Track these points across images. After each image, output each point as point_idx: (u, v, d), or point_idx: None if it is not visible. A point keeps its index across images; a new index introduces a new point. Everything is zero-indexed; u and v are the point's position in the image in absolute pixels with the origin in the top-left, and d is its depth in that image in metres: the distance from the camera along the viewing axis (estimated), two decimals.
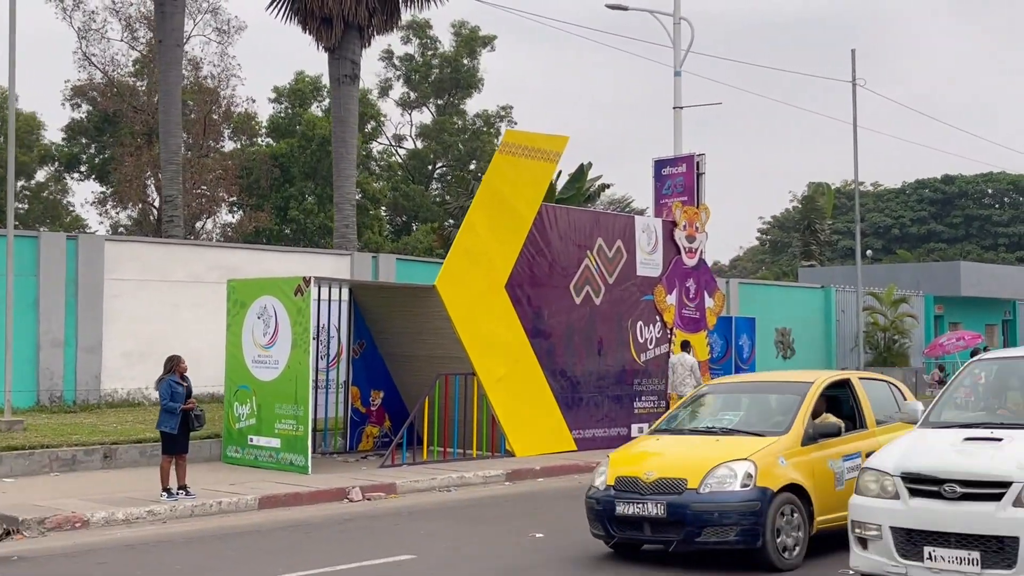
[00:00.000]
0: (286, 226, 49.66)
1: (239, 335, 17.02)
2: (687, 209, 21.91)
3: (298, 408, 15.98)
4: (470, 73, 56.00)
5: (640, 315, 20.87)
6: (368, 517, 12.89)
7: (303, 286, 16.07)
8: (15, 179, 21.08)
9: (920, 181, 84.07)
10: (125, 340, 19.95)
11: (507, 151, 18.81)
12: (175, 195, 28.17)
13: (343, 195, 31.38)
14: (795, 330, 34.87)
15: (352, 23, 30.70)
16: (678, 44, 24.45)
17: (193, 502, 13.15)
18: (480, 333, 18.08)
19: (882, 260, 68.02)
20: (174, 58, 28.64)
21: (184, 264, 20.97)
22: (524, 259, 18.86)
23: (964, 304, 42.02)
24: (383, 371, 19.27)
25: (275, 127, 51.60)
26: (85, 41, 47.18)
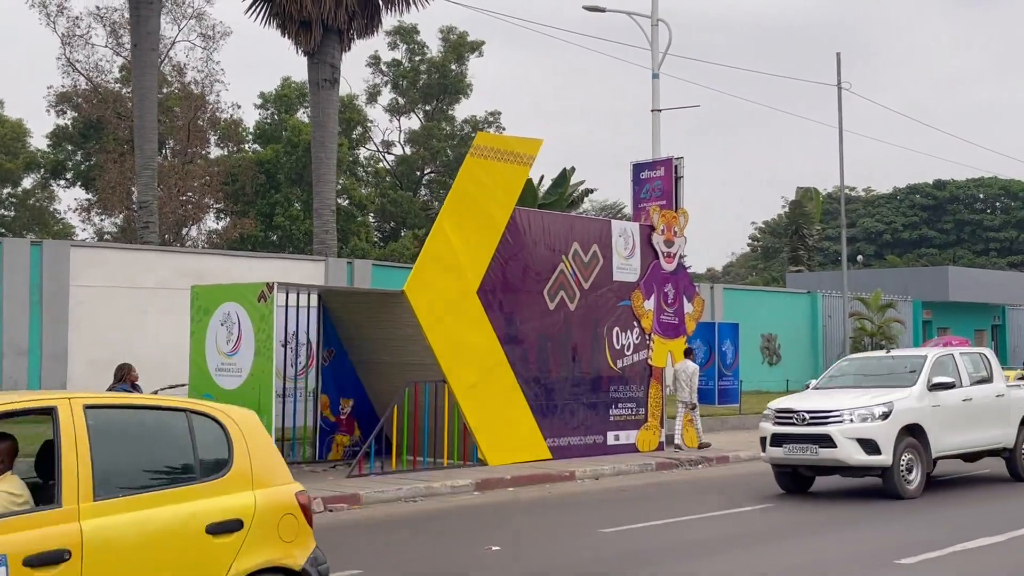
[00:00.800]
0: (272, 233, 49.34)
1: (202, 342, 16.64)
2: (665, 213, 21.57)
3: (262, 417, 15.52)
4: (458, 79, 55.75)
5: (617, 321, 20.51)
6: (326, 529, 12.45)
7: (266, 292, 15.70)
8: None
9: (912, 186, 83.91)
10: (91, 348, 19.58)
11: (478, 154, 18.46)
12: (150, 201, 27.84)
13: (323, 200, 31.06)
14: (781, 336, 34.56)
15: (331, 27, 30.43)
16: (656, 46, 24.12)
17: None
18: (451, 340, 17.72)
19: (872, 265, 67.77)
20: (149, 62, 28.35)
21: (152, 270, 20.61)
22: (497, 264, 18.50)
23: (953, 309, 41.73)
24: (353, 379, 18.90)
25: (261, 133, 51.28)
26: (69, 47, 46.92)
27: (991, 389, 16.08)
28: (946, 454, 15.34)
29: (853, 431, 14.24)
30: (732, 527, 12.49)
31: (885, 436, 14.16)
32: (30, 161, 50.80)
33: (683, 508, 13.95)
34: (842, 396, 14.98)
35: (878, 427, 14.21)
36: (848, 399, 14.74)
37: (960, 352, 16.25)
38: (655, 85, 24.19)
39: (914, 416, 14.62)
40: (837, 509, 14.02)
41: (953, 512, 13.51)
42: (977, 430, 15.66)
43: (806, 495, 15.34)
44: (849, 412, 14.38)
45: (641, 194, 22.54)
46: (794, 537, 11.75)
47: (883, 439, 14.14)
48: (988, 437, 15.91)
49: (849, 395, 14.98)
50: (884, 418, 14.28)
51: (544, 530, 12.37)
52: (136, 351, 20.14)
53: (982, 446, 15.92)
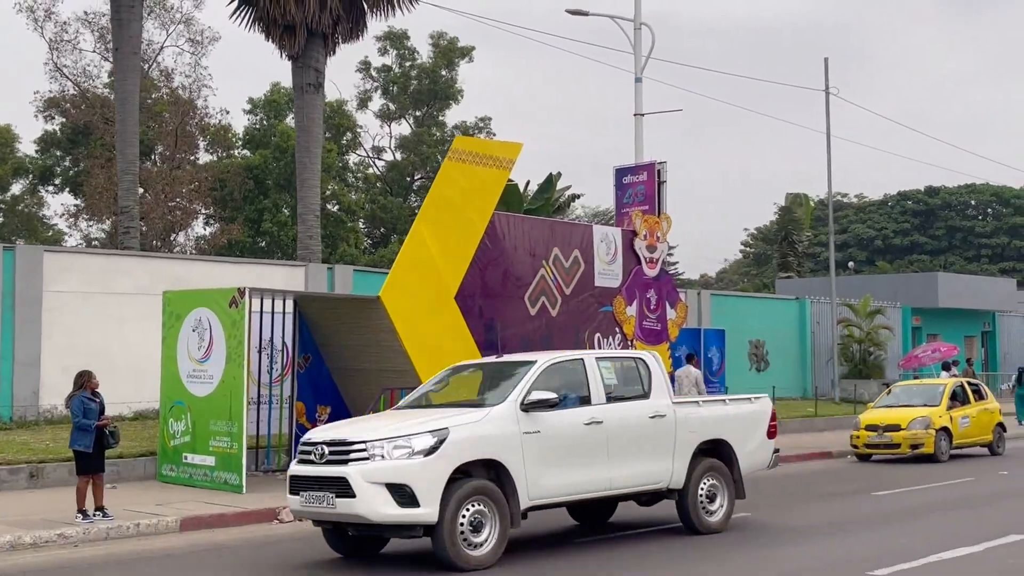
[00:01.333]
0: (260, 239, 49.06)
1: (174, 348, 16.41)
2: (648, 218, 21.34)
3: (232, 425, 15.35)
4: (448, 84, 55.54)
5: (599, 327, 20.26)
6: (291, 540, 12.27)
7: (237, 297, 15.47)
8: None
9: (903, 193, 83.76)
10: (65, 354, 19.27)
11: (456, 158, 18.22)
12: (131, 206, 27.55)
13: (307, 205, 30.76)
14: (769, 342, 34.33)
15: (316, 31, 30.15)
16: (638, 50, 23.90)
17: (109, 524, 12.50)
18: (428, 346, 17.45)
19: (863, 272, 67.61)
20: (131, 66, 28.07)
21: (129, 275, 20.32)
22: (475, 269, 18.26)
23: (942, 315, 41.54)
24: (330, 386, 18.63)
25: (251, 138, 51.04)
26: (56, 52, 46.65)
27: (644, 408, 11.89)
28: (552, 501, 11.07)
29: (379, 472, 9.94)
30: (697, 540, 12.22)
31: (428, 479, 9.94)
32: (18, 167, 50.47)
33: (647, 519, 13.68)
34: (386, 421, 10.90)
35: (416, 466, 9.94)
36: (389, 424, 10.54)
37: (598, 357, 12.16)
38: (638, 89, 23.98)
39: (489, 448, 10.42)
40: (810, 517, 13.76)
41: (929, 521, 13.27)
42: (615, 465, 11.39)
43: (780, 505, 15.09)
44: (381, 444, 10.06)
45: (624, 199, 22.33)
46: (763, 548, 11.49)
47: (424, 484, 9.91)
48: (635, 474, 11.62)
49: (396, 419, 10.86)
50: (429, 453, 10.00)
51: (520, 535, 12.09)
52: (112, 357, 19.90)
53: (626, 487, 11.69)
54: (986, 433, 22.81)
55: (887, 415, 21.76)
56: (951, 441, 21.53)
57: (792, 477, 18.52)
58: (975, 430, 22.41)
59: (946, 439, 21.41)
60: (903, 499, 15.60)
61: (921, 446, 21.04)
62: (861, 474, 19.59)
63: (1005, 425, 23.55)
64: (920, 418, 21.30)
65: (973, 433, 22.37)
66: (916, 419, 21.29)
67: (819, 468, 20.85)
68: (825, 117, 34.01)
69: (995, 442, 22.96)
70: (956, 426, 21.74)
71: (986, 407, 23.04)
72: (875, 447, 21.51)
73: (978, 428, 22.53)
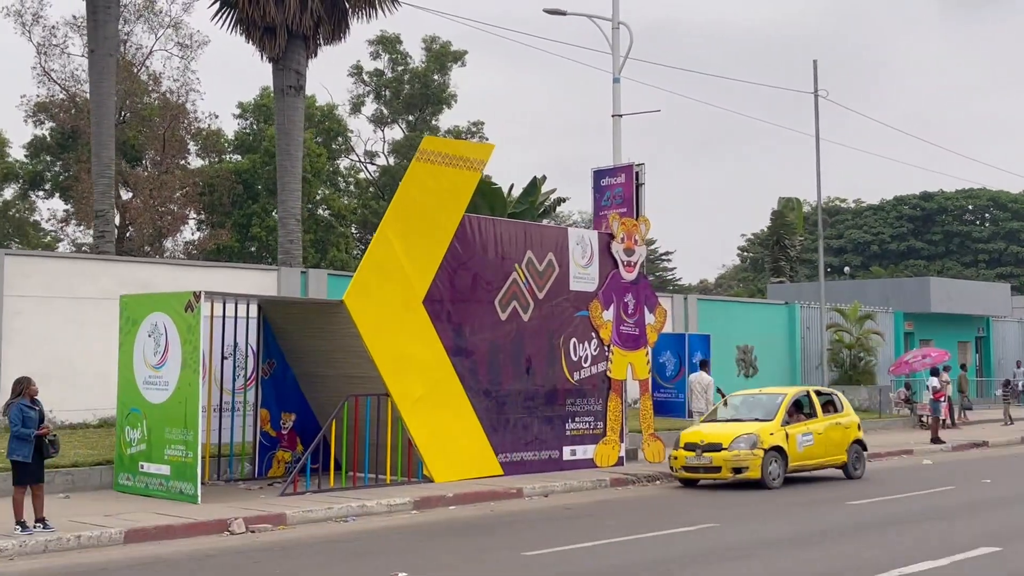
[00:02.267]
0: (250, 244, 48.66)
1: (130, 354, 15.94)
2: (625, 221, 20.89)
3: (188, 433, 14.89)
4: (440, 88, 55.15)
5: (574, 332, 19.81)
6: (235, 553, 11.81)
7: (193, 301, 15.00)
8: None
9: (899, 198, 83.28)
10: (27, 360, 18.80)
11: (425, 159, 17.76)
12: (106, 210, 27.18)
13: (287, 209, 30.37)
14: (758, 347, 33.86)
15: (296, 32, 29.77)
16: (616, 50, 23.41)
17: (48, 536, 12.04)
18: (394, 351, 17.02)
19: (857, 276, 67.12)
20: (107, 68, 27.69)
21: (93, 280, 19.88)
22: (444, 273, 17.82)
23: (935, 321, 41.05)
24: (296, 392, 18.19)
25: (241, 143, 50.66)
26: (44, 56, 46.27)
27: None
28: None
29: None
30: (665, 549, 11.79)
31: None
32: (8, 172, 50.08)
33: (622, 528, 13.24)
34: None
35: None
36: None
37: None
38: (616, 90, 23.49)
39: None
40: (780, 530, 13.32)
41: (896, 535, 12.79)
42: None
43: (748, 516, 14.63)
44: None
45: (602, 201, 21.90)
46: (729, 561, 11.04)
47: None
48: None
49: None
50: None
51: (464, 553, 11.67)
52: (75, 364, 19.50)
53: None
54: (837, 453, 19.21)
55: (709, 432, 18.26)
56: (786, 463, 18.02)
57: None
58: (821, 449, 18.83)
59: (778, 461, 17.86)
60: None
61: (745, 470, 17.51)
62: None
63: (865, 443, 20.02)
64: (745, 436, 17.71)
65: (818, 453, 18.80)
66: (740, 437, 17.69)
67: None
68: (814, 119, 33.58)
69: (850, 463, 19.34)
70: (793, 445, 18.19)
71: (838, 421, 19.40)
72: (693, 470, 18.00)
73: (826, 447, 18.94)
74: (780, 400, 18.86)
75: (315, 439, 16.38)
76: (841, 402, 20.05)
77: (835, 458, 19.22)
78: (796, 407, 19.03)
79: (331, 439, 16.56)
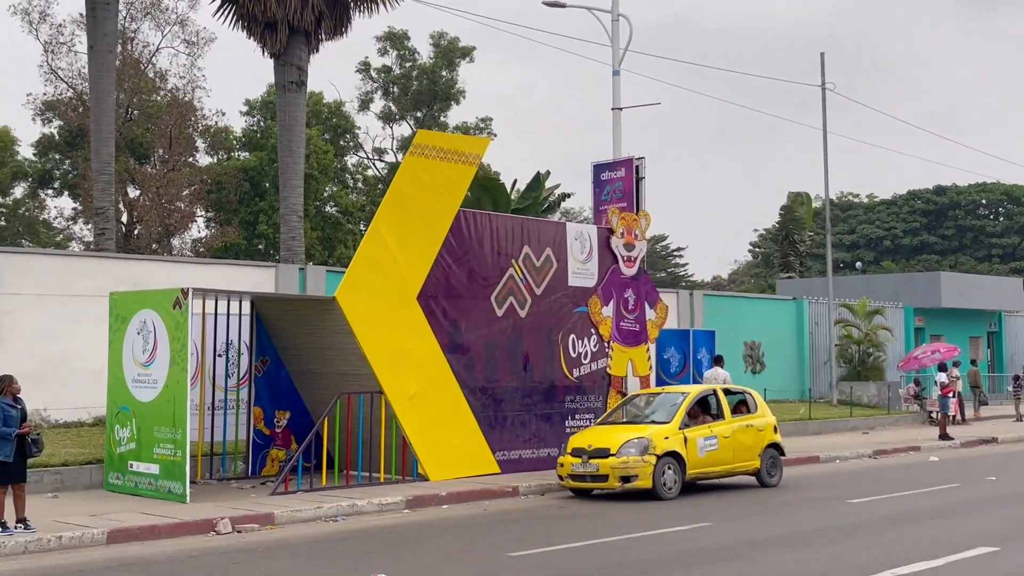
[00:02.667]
0: (258, 241, 48.55)
1: (119, 352, 15.77)
2: (625, 216, 20.62)
3: (176, 431, 14.70)
4: (448, 85, 54.93)
5: (572, 328, 19.57)
6: (218, 553, 11.60)
7: (181, 298, 14.81)
8: None
9: (912, 192, 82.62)
10: (21, 359, 18.60)
11: (419, 153, 17.54)
12: (106, 207, 26.98)
13: (289, 206, 30.20)
14: (765, 344, 33.51)
15: (298, 28, 29.56)
16: (616, 42, 23.10)
17: (29, 537, 11.86)
18: (388, 348, 16.80)
19: (869, 271, 66.63)
20: (106, 64, 27.50)
21: (88, 277, 19.68)
22: (439, 268, 17.59)
23: (946, 316, 40.61)
24: (290, 390, 17.98)
25: (249, 140, 50.55)
26: (51, 54, 46.24)
27: None
28: None
29: None
30: (656, 549, 11.53)
31: None
32: (17, 170, 50.09)
33: (617, 527, 12.99)
34: None
35: None
36: None
37: None
38: (616, 82, 23.18)
39: None
40: (770, 530, 13.05)
41: (891, 535, 12.50)
42: None
43: (737, 516, 14.36)
44: None
45: (602, 196, 21.63)
46: (720, 561, 10.78)
47: None
48: None
49: None
50: None
51: (449, 553, 11.43)
52: (71, 362, 19.30)
53: None
54: (749, 458, 17.31)
55: (598, 435, 16.48)
56: (683, 471, 16.13)
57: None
58: (728, 454, 16.97)
59: (674, 468, 15.98)
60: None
61: (634, 478, 15.66)
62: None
63: (782, 447, 18.07)
64: (635, 440, 15.85)
65: (725, 459, 16.93)
66: (629, 442, 15.84)
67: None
68: (822, 113, 33.22)
69: (764, 469, 17.44)
70: (693, 450, 16.35)
71: (750, 423, 17.49)
72: (580, 478, 16.07)
73: (734, 451, 17.06)
74: (680, 400, 16.98)
75: (307, 437, 16.18)
76: (755, 402, 18.13)
77: (745, 464, 17.30)
78: (702, 407, 17.24)
79: (324, 437, 16.35)
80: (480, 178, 33.72)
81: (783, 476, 17.88)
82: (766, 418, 17.95)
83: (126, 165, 43.38)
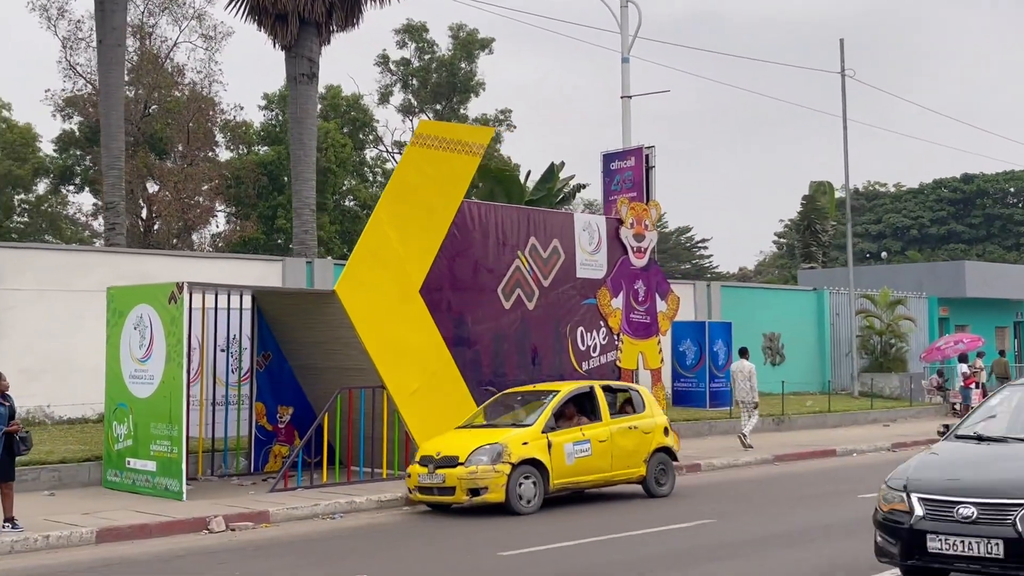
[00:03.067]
0: (277, 235, 48.45)
1: (117, 347, 15.57)
2: (635, 205, 20.23)
3: (172, 428, 14.47)
4: (468, 77, 54.62)
5: (581, 320, 19.22)
6: (206, 553, 11.35)
7: (176, 293, 14.57)
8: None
9: (938, 181, 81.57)
10: (23, 355, 18.51)
11: (421, 143, 17.23)
12: (117, 202, 26.85)
13: (302, 199, 30.00)
14: (785, 335, 33.00)
15: (308, 20, 29.34)
16: (625, 29, 22.67)
17: (15, 536, 11.65)
18: (390, 342, 16.50)
19: (894, 261, 65.81)
20: (115, 58, 27.36)
21: (91, 272, 19.49)
22: (443, 260, 17.27)
23: (971, 306, 39.90)
24: (293, 385, 17.73)
25: (268, 134, 50.48)
26: (69, 50, 46.30)
27: None
28: None
29: None
30: (655, 546, 11.18)
31: None
32: (39, 166, 50.22)
33: (615, 524, 12.65)
34: None
35: None
36: None
37: None
38: (625, 70, 22.76)
39: None
40: (779, 526, 12.67)
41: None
42: None
43: (740, 514, 13.98)
44: None
45: (612, 185, 21.26)
46: (717, 560, 10.43)
47: None
48: None
49: None
50: None
51: (441, 552, 11.14)
52: (73, 358, 19.12)
53: None
54: (632, 464, 15.11)
55: (451, 441, 14.41)
56: (547, 481, 14.00)
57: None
58: (604, 461, 14.79)
59: (535, 479, 13.84)
60: None
61: (484, 491, 13.54)
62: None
63: (674, 451, 15.95)
64: (487, 447, 13.76)
65: (600, 466, 14.76)
66: (480, 448, 13.74)
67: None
68: (841, 100, 32.68)
69: (651, 477, 15.29)
70: (559, 457, 14.19)
71: (634, 425, 15.38)
72: (427, 491, 13.93)
73: (612, 458, 14.90)
74: (549, 400, 14.82)
75: (306, 433, 15.94)
76: (643, 400, 16.03)
77: (628, 471, 15.09)
78: (578, 408, 15.14)
79: (325, 432, 16.09)
80: (494, 170, 33.42)
81: (675, 485, 15.72)
82: (655, 419, 15.85)
83: (145, 161, 43.38)
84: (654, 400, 16.62)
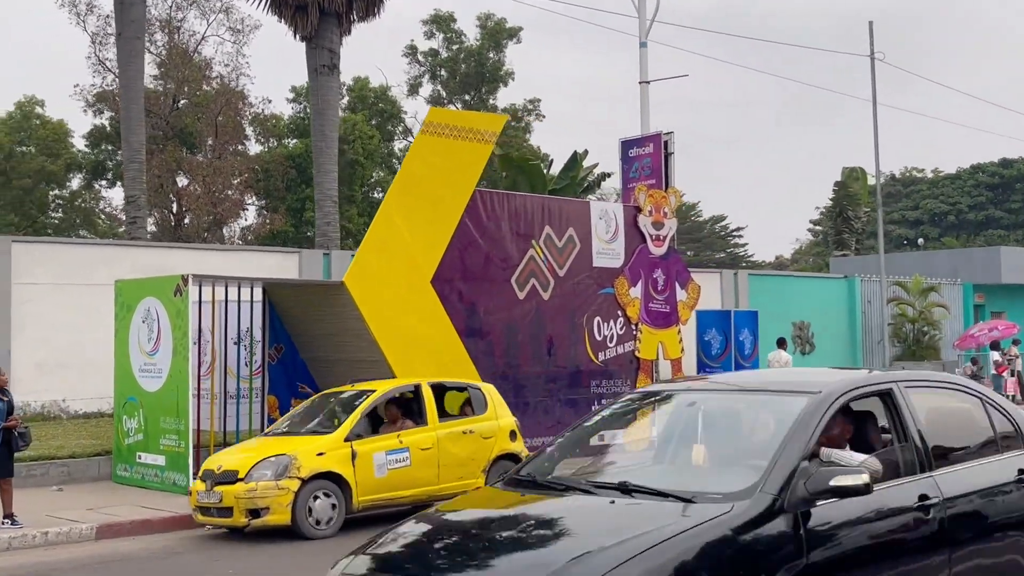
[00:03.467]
0: (305, 228, 48.46)
1: (126, 341, 15.47)
2: (653, 193, 19.90)
3: (179, 422, 14.36)
4: (496, 67, 54.35)
5: (598, 310, 18.93)
6: (205, 549, 11.20)
7: (181, 285, 14.45)
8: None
9: (976, 166, 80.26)
10: (38, 349, 18.53)
11: (431, 131, 16.98)
12: (137, 195, 26.90)
13: (323, 191, 29.99)
14: (816, 323, 32.50)
15: (328, 10, 29.22)
16: (643, 14, 22.34)
17: (13, 533, 11.56)
18: (400, 333, 16.28)
19: (931, 247, 64.86)
20: (135, 51, 27.39)
21: (107, 265, 19.44)
22: (454, 250, 17.03)
23: (1008, 292, 39.15)
24: (306, 378, 17.55)
25: (296, 127, 50.51)
26: (98, 45, 46.49)
27: None
28: None
29: None
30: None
31: None
32: (71, 162, 50.54)
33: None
34: None
35: None
36: None
37: None
38: (643, 54, 22.41)
39: None
40: None
41: None
42: None
43: None
44: None
45: (630, 172, 20.94)
46: None
47: None
48: None
49: None
50: None
51: None
52: (88, 352, 19.09)
53: None
54: (466, 475, 12.92)
55: (238, 453, 12.46)
56: (350, 498, 11.93)
57: None
58: (429, 472, 12.71)
59: (334, 496, 11.80)
60: None
61: (266, 512, 11.44)
62: None
63: (521, 458, 12.86)
64: (271, 459, 11.72)
65: (423, 478, 12.63)
66: (264, 461, 11.69)
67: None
68: (871, 83, 32.09)
69: None
70: (367, 469, 12.11)
71: (470, 429, 13.41)
72: (206, 511, 11.82)
73: (440, 468, 12.81)
74: (360, 402, 12.77)
75: None
76: (486, 400, 13.99)
77: (461, 483, 12.45)
78: (403, 410, 13.17)
79: None
80: (517, 159, 33.15)
81: None
82: (498, 421, 13.85)
83: (175, 155, 43.50)
84: (502, 400, 14.38)
